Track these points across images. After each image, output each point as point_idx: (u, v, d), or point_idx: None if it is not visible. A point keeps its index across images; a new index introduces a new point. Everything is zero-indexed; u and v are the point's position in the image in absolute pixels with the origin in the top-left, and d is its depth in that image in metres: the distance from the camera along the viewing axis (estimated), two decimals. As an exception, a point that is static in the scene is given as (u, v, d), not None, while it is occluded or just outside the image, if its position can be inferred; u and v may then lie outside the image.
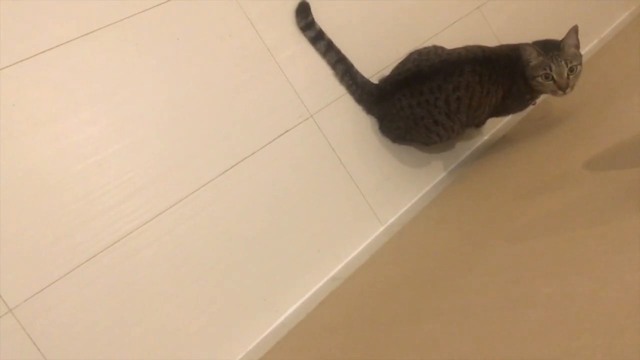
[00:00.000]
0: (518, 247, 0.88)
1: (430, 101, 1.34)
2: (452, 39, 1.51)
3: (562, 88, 1.29)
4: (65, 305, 1.02)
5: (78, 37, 1.15)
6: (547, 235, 0.86)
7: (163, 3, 1.25)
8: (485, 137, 1.66)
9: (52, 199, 1.06)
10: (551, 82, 1.30)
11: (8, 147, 1.04)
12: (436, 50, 1.40)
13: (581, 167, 1.04)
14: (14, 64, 1.07)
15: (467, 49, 1.38)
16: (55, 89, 1.11)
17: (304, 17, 1.41)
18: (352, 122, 1.44)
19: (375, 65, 1.51)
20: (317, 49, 1.43)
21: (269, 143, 1.31)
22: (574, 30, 1.30)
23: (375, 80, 1.47)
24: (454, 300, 0.85)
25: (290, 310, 1.22)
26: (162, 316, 1.10)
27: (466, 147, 1.62)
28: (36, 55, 1.10)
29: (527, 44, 1.31)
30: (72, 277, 1.03)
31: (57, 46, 1.12)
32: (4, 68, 1.06)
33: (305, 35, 1.42)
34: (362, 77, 1.45)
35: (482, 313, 0.77)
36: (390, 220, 1.41)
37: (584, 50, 1.93)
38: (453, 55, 1.37)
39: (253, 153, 1.28)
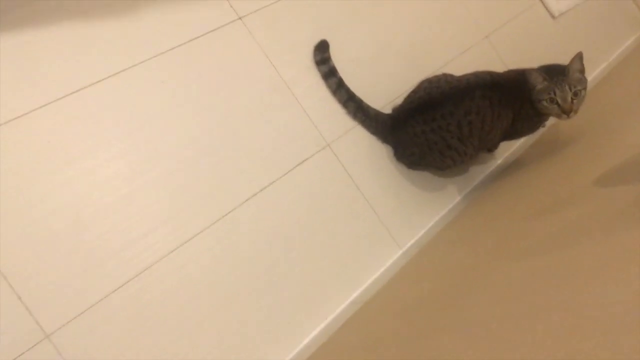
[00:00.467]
0: (531, 262, 0.91)
1: (442, 127, 1.39)
2: (462, 69, 1.56)
3: (566, 112, 1.34)
4: (99, 331, 1.06)
5: (107, 78, 1.22)
6: (558, 249, 0.90)
7: (185, 43, 1.32)
8: (499, 162, 1.70)
9: (85, 230, 1.11)
10: (555, 106, 1.34)
11: (43, 182, 1.11)
12: (446, 77, 1.45)
13: (590, 185, 1.07)
14: (48, 103, 1.14)
15: (476, 74, 1.43)
16: (86, 126, 1.18)
17: (321, 52, 1.48)
18: (368, 150, 1.50)
19: (387, 95, 1.56)
20: (328, 86, 1.49)
21: (288, 172, 1.36)
22: (579, 56, 1.35)
23: (388, 109, 1.53)
24: (471, 314, 0.88)
25: (313, 334, 1.25)
26: (188, 342, 1.14)
27: (480, 172, 1.65)
28: (68, 95, 1.17)
29: (532, 69, 1.36)
30: (105, 304, 1.08)
31: (88, 86, 1.19)
32: (39, 108, 1.13)
33: (319, 70, 1.49)
34: (374, 109, 1.50)
35: (497, 324, 0.80)
36: (408, 244, 1.44)
37: (592, 74, 1.98)
38: (463, 81, 1.42)
39: (273, 182, 1.33)
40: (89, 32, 1.22)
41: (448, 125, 1.39)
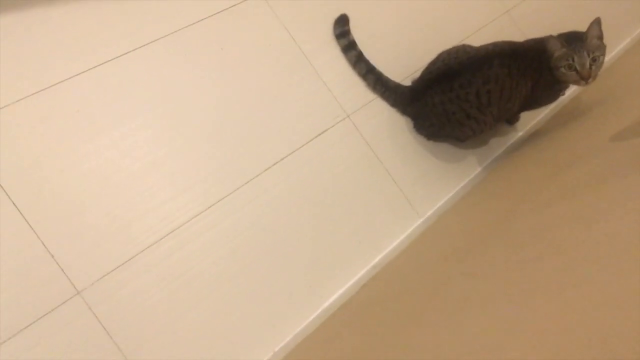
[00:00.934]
0: (548, 211, 0.92)
1: (461, 96, 1.40)
2: (482, 43, 1.57)
3: (584, 78, 1.34)
4: (127, 289, 1.11)
5: (132, 50, 1.27)
6: (574, 196, 0.91)
7: (207, 17, 1.37)
8: (519, 134, 1.70)
9: (114, 194, 1.16)
10: (574, 72, 1.34)
11: (73, 149, 1.16)
12: (464, 48, 1.47)
13: (607, 140, 1.08)
14: (77, 74, 1.19)
15: (494, 44, 1.44)
16: (113, 97, 1.23)
17: (341, 26, 1.51)
18: (388, 121, 1.52)
19: (407, 68, 1.58)
20: (348, 59, 1.51)
21: (309, 142, 1.39)
22: (597, 22, 1.35)
23: (407, 82, 1.54)
24: (486, 262, 0.90)
25: (334, 297, 1.28)
26: (214, 301, 1.18)
27: (501, 144, 1.66)
28: (96, 66, 1.22)
29: (551, 36, 1.36)
30: (133, 263, 1.13)
31: (114, 58, 1.24)
32: (69, 78, 1.18)
33: (339, 43, 1.51)
34: (393, 82, 1.52)
35: (513, 266, 0.82)
36: (428, 213, 1.46)
37: (615, 49, 1.96)
38: (481, 51, 1.43)
39: (294, 151, 1.36)
40: (115, 5, 1.27)
41: (467, 95, 1.40)
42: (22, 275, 1.05)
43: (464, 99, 1.40)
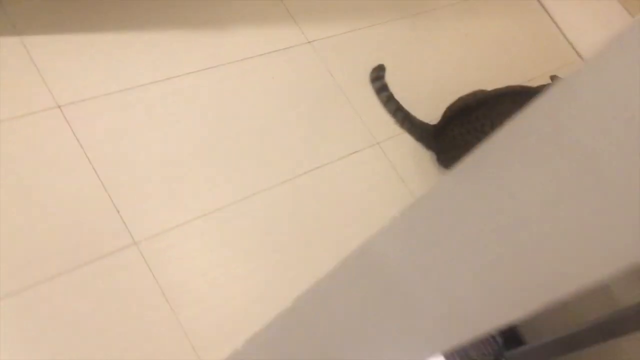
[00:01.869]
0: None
1: (478, 128, 1.60)
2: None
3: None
4: (181, 248, 1.29)
5: (200, 70, 1.55)
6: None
7: (260, 55, 1.65)
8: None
9: (176, 171, 1.38)
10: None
11: (148, 136, 1.40)
12: (481, 90, 1.69)
13: None
14: (154, 82, 1.47)
15: (507, 86, 1.66)
16: (180, 104, 1.48)
17: (377, 72, 1.77)
18: (414, 152, 1.72)
19: (432, 112, 1.79)
20: (380, 99, 1.75)
21: (342, 158, 1.59)
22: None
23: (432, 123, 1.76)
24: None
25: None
26: (248, 272, 1.34)
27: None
28: (172, 78, 1.50)
29: (556, 76, 1.58)
30: (189, 226, 1.31)
31: (184, 74, 1.52)
32: (150, 83, 1.46)
33: (373, 86, 1.76)
34: (419, 120, 1.74)
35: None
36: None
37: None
38: (495, 91, 1.65)
39: (327, 163, 1.56)
40: (180, 36, 1.57)
41: (482, 126, 1.60)
42: (85, 221, 1.23)
43: (481, 130, 1.60)
